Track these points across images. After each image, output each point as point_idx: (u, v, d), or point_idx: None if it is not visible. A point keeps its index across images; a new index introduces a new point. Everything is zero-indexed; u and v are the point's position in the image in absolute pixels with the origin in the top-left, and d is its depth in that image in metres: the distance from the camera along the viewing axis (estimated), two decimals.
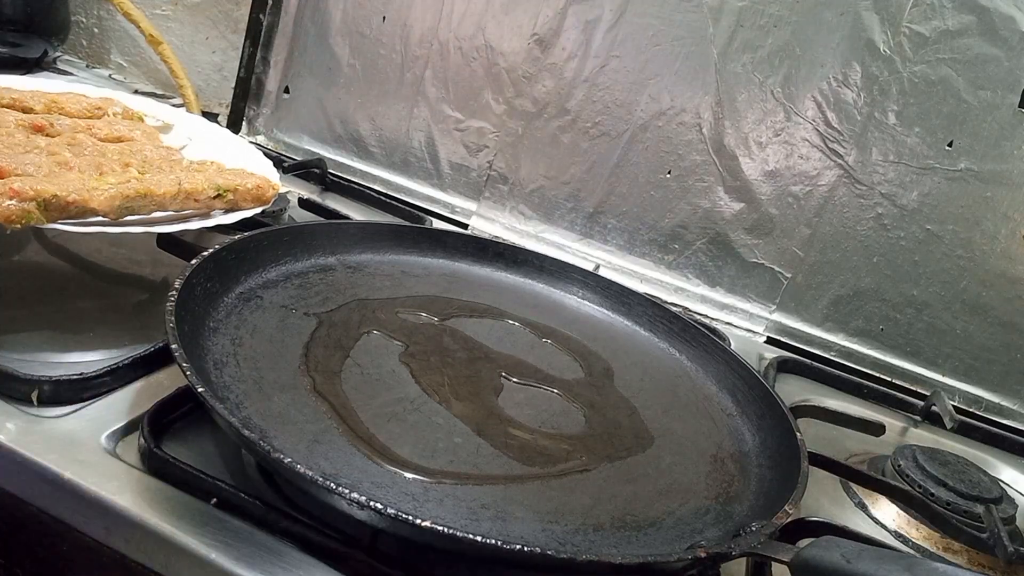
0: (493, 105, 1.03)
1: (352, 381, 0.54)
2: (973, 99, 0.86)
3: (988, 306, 0.90)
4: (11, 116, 0.65)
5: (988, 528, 0.61)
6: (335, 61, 1.08)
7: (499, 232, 1.04)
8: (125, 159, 0.64)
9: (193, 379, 0.42)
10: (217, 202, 0.64)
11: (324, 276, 0.68)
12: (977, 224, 0.89)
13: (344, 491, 0.37)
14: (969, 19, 0.85)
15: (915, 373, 0.94)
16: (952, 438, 0.83)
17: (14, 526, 0.45)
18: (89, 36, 1.22)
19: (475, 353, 0.63)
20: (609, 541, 0.46)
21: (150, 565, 0.41)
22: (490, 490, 0.47)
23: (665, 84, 0.96)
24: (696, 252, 0.99)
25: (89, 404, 0.48)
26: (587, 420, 0.59)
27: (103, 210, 0.55)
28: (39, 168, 0.56)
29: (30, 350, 0.52)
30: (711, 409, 0.66)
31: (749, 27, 0.92)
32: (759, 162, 0.95)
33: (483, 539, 0.37)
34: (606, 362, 0.69)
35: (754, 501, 0.54)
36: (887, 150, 0.90)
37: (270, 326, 0.58)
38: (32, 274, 0.64)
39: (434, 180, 1.08)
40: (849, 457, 0.73)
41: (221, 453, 0.47)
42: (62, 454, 0.43)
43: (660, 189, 0.99)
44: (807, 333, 0.97)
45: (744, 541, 0.43)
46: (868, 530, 0.60)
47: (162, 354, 0.52)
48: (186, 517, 0.41)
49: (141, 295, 0.67)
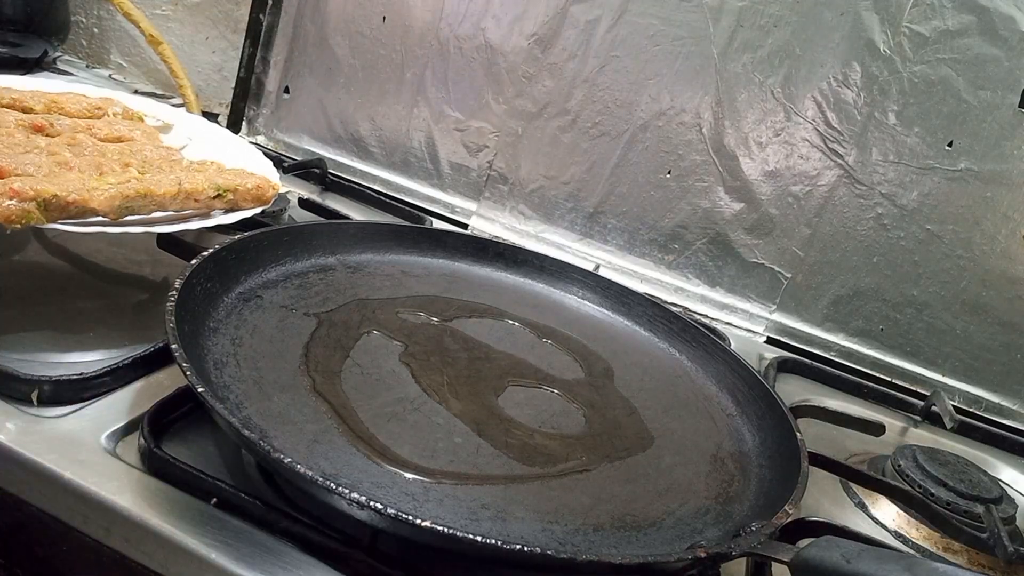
0: (493, 105, 1.03)
1: (352, 381, 0.54)
2: (973, 99, 0.86)
3: (988, 306, 0.90)
4: (11, 116, 0.65)
5: (988, 528, 0.61)
6: (335, 61, 1.08)
7: (499, 232, 1.04)
8: (125, 159, 0.64)
9: (193, 379, 0.42)
10: (217, 202, 0.64)
11: (324, 276, 0.68)
12: (977, 224, 0.89)
13: (344, 491, 0.37)
14: (969, 19, 0.85)
15: (915, 373, 0.94)
16: (952, 438, 0.83)
17: (14, 526, 0.45)
18: (89, 36, 1.22)
19: (475, 353, 0.63)
20: (609, 541, 0.46)
21: (150, 565, 0.41)
22: (490, 490, 0.47)
23: (665, 84, 0.96)
24: (696, 252, 0.99)
25: (89, 404, 0.48)
26: (587, 420, 0.59)
27: (103, 210, 0.55)
28: (39, 168, 0.56)
29: (30, 350, 0.52)
30: (711, 409, 0.66)
31: (749, 27, 0.92)
32: (759, 162, 0.95)
33: (483, 539, 0.37)
34: (606, 362, 0.69)
35: (754, 501, 0.54)
36: (887, 150, 0.90)
37: (270, 326, 0.58)
38: (32, 274, 0.64)
39: (434, 180, 1.08)
40: (849, 457, 0.73)
41: (221, 453, 0.47)
42: (62, 454, 0.43)
43: (660, 189, 0.99)
44: (807, 333, 0.97)
45: (744, 541, 0.43)
46: (868, 530, 0.60)
47: (162, 354, 0.52)
48: (186, 517, 0.41)
49: (141, 295, 0.67)
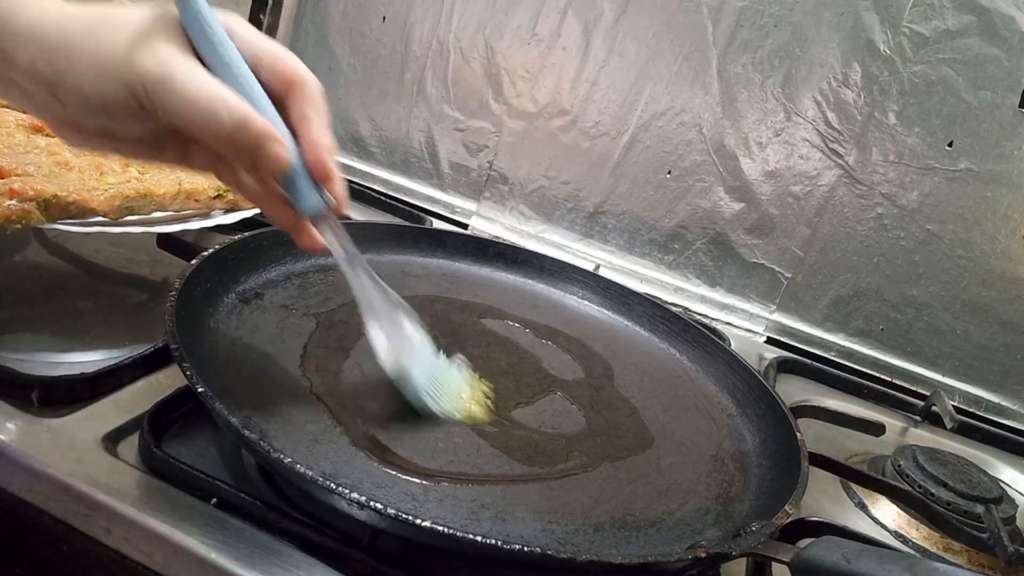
0: (493, 105, 1.03)
1: (352, 381, 0.54)
2: (973, 99, 0.86)
3: (988, 306, 0.90)
4: (11, 116, 0.65)
5: (988, 528, 0.61)
6: (335, 61, 1.08)
7: (499, 232, 1.04)
8: (125, 159, 0.64)
9: (193, 379, 0.42)
10: (217, 202, 0.64)
11: (324, 276, 0.68)
12: (977, 224, 0.89)
13: (344, 491, 0.37)
14: (969, 19, 0.85)
15: (915, 373, 0.94)
16: (952, 438, 0.83)
17: (14, 526, 0.45)
18: None
19: (475, 353, 0.63)
20: (609, 541, 0.46)
21: (150, 565, 0.41)
22: (490, 490, 0.47)
23: (665, 84, 0.96)
24: (696, 252, 0.99)
25: (89, 404, 0.48)
26: (587, 420, 0.59)
27: (103, 210, 0.55)
28: (39, 168, 0.57)
29: (30, 350, 0.52)
30: (711, 409, 0.66)
31: (749, 27, 0.92)
32: (759, 162, 0.95)
33: (483, 539, 0.37)
34: (606, 362, 0.69)
35: (754, 501, 0.54)
36: (887, 150, 0.90)
37: (270, 326, 0.58)
38: (32, 274, 0.64)
39: (434, 180, 1.08)
40: (849, 457, 0.73)
41: (221, 453, 0.47)
42: (62, 454, 0.43)
43: (660, 189, 0.99)
44: (807, 333, 0.97)
45: (744, 541, 0.43)
46: (868, 530, 0.60)
47: (162, 354, 0.52)
48: (186, 517, 0.41)
49: (141, 295, 0.67)
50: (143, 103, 0.37)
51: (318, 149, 0.41)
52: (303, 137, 0.41)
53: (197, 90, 0.37)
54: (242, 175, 0.43)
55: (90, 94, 0.37)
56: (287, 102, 0.41)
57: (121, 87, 0.37)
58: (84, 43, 0.36)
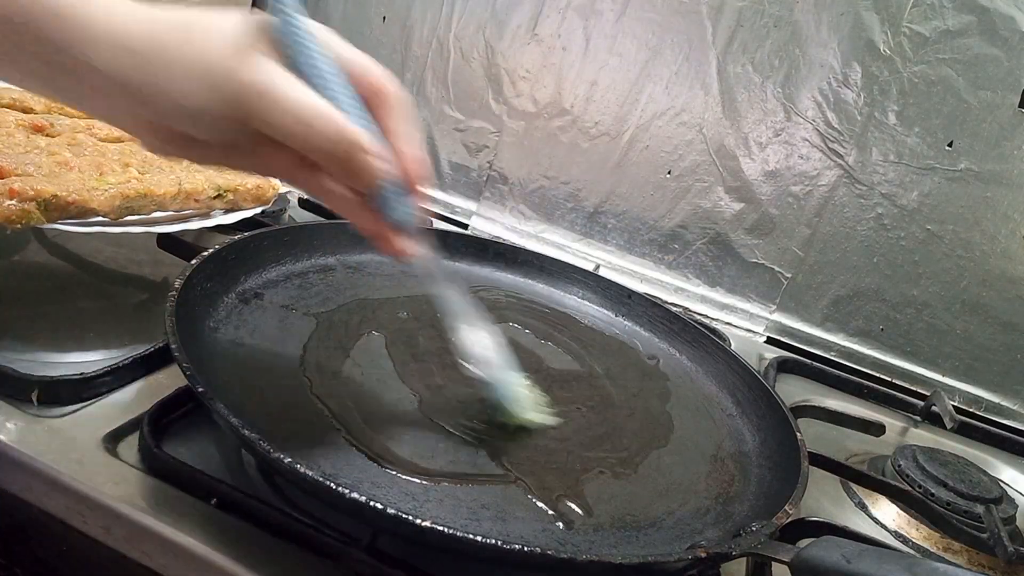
0: (493, 105, 1.03)
1: (352, 381, 0.54)
2: (973, 99, 0.86)
3: (988, 306, 0.90)
4: (11, 116, 0.65)
5: (988, 528, 0.61)
6: None
7: (499, 232, 1.04)
8: (125, 159, 0.64)
9: (193, 379, 0.42)
10: (217, 202, 0.64)
11: (324, 276, 0.68)
12: (977, 224, 0.89)
13: (344, 491, 0.37)
14: (969, 19, 0.85)
15: (915, 373, 0.94)
16: (952, 438, 0.83)
17: (14, 526, 0.45)
18: None
19: None
20: (609, 541, 0.46)
21: (150, 565, 0.41)
22: (490, 490, 0.47)
23: (665, 84, 0.96)
24: (696, 252, 0.99)
25: (89, 404, 0.48)
26: (587, 420, 0.59)
27: (103, 210, 0.55)
28: (39, 168, 0.57)
29: (30, 350, 0.52)
30: (711, 409, 0.66)
31: (749, 27, 0.92)
32: (759, 162, 0.95)
33: (483, 539, 0.37)
34: (606, 362, 0.69)
35: (754, 501, 0.54)
36: (887, 150, 0.90)
37: (270, 326, 0.58)
38: (32, 274, 0.64)
39: (434, 180, 1.08)
40: (849, 457, 0.73)
41: (221, 453, 0.47)
42: (62, 454, 0.43)
43: (660, 189, 0.99)
44: (807, 333, 0.97)
45: (744, 541, 0.43)
46: (868, 530, 0.60)
47: (162, 354, 0.52)
48: (186, 517, 0.41)
49: (141, 295, 0.67)
50: (239, 112, 0.37)
51: (412, 161, 0.42)
52: (398, 148, 0.41)
53: (299, 102, 0.37)
54: (328, 183, 0.42)
55: (185, 102, 0.37)
56: (377, 112, 0.41)
57: (218, 95, 0.36)
58: (180, 50, 0.36)
